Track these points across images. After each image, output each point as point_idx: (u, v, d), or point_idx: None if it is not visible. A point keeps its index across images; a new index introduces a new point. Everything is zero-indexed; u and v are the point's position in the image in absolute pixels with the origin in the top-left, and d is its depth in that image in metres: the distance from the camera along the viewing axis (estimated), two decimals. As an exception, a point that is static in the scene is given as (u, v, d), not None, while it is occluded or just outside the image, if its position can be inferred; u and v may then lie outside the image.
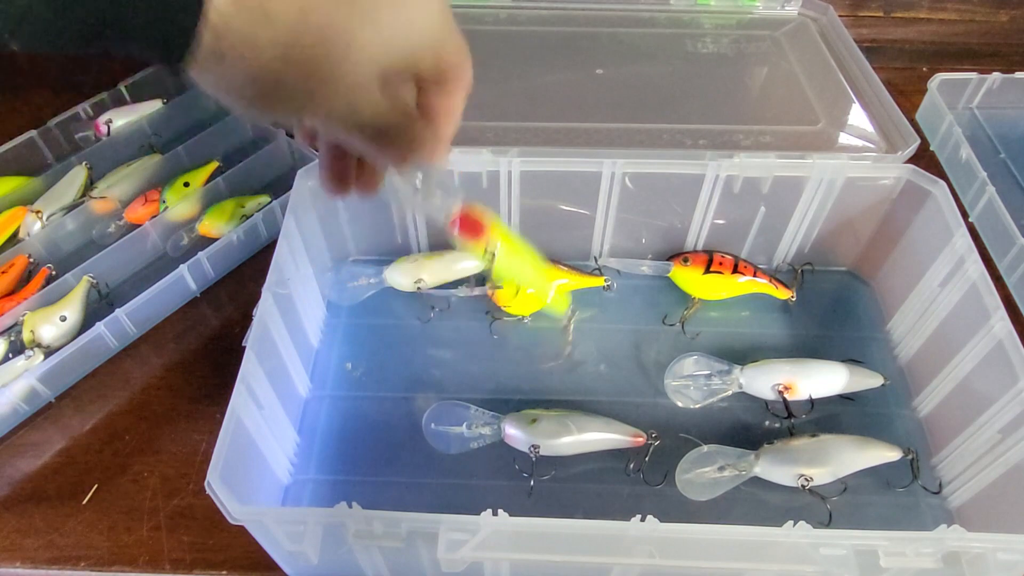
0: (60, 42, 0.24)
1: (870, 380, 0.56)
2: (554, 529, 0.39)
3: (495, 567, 0.43)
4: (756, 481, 0.51)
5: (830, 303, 0.64)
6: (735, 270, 0.61)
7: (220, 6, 0.24)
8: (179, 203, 0.66)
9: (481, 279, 0.62)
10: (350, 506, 0.40)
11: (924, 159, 0.74)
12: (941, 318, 0.54)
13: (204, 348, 0.60)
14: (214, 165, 0.71)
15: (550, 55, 0.72)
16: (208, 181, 0.69)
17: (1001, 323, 0.47)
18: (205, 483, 0.39)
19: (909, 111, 0.75)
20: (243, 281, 0.65)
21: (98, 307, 0.61)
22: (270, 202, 0.66)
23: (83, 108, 0.74)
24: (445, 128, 0.34)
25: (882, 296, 0.63)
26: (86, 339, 0.56)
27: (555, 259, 0.62)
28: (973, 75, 0.77)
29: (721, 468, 0.51)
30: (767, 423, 0.56)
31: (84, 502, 0.51)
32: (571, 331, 0.61)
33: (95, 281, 0.61)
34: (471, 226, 0.41)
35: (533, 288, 0.57)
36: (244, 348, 0.46)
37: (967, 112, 0.80)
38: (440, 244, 0.64)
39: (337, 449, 0.54)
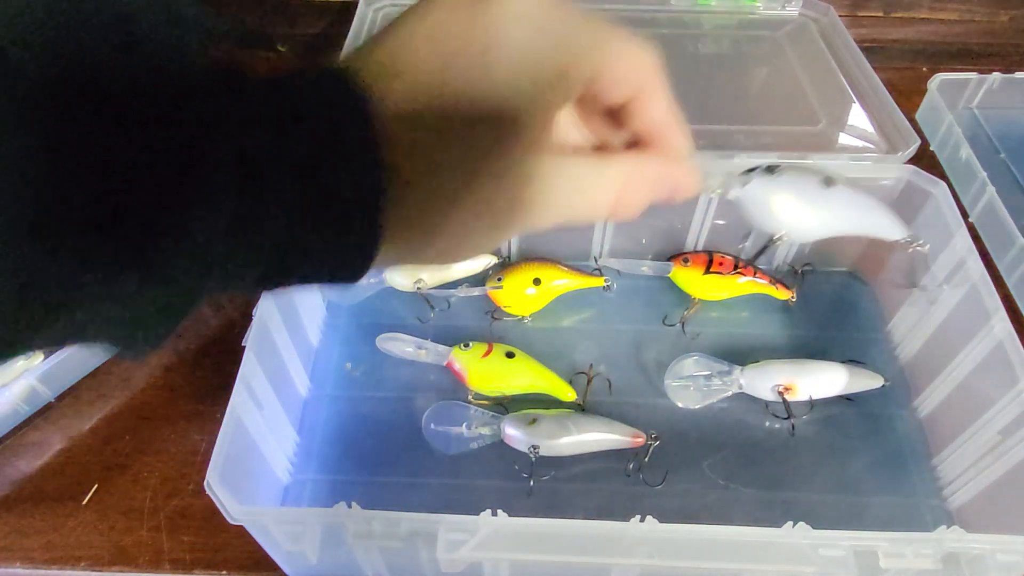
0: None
1: (870, 381, 0.56)
2: (554, 529, 0.39)
3: (495, 567, 0.43)
4: (756, 481, 0.51)
5: (830, 304, 0.64)
6: (735, 270, 0.61)
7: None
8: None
9: (480, 279, 0.62)
10: (349, 506, 0.40)
11: (924, 159, 0.74)
12: (941, 319, 0.54)
13: (204, 348, 0.60)
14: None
15: (550, 55, 0.72)
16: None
17: (1001, 323, 0.47)
18: (205, 483, 0.39)
19: (909, 111, 0.75)
20: (243, 281, 0.65)
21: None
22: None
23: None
24: (668, 144, 0.28)
25: (882, 296, 0.63)
26: (86, 339, 0.56)
27: (555, 259, 0.62)
28: (973, 75, 0.77)
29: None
30: (767, 424, 0.56)
31: (84, 502, 0.51)
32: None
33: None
34: None
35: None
36: (244, 348, 0.46)
37: (967, 112, 0.80)
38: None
39: (337, 449, 0.54)
